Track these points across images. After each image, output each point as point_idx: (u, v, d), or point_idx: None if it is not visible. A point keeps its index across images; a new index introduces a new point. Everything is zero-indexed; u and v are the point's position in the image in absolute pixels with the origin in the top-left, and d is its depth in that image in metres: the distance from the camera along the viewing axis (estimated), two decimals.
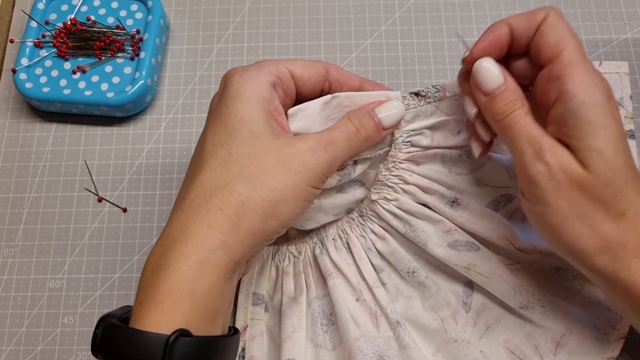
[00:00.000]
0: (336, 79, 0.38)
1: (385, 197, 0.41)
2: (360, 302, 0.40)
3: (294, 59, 0.38)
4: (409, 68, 0.53)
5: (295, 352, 0.39)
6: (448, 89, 0.40)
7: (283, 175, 0.33)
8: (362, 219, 0.41)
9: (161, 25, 0.52)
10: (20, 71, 0.51)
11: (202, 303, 0.31)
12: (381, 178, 0.41)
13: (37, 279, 0.48)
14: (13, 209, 0.50)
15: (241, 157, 0.33)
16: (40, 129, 0.52)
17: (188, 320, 0.30)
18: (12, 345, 0.46)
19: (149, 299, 0.30)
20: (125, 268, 0.48)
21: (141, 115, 0.53)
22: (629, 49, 0.53)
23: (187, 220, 0.32)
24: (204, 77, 0.54)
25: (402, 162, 0.40)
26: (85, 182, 0.51)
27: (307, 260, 0.42)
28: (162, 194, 0.50)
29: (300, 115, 0.37)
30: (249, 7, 0.56)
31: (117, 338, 0.30)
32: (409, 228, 0.40)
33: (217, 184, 0.32)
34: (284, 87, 0.37)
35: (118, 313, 0.32)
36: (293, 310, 0.40)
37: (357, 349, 0.38)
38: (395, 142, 0.40)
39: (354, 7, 0.55)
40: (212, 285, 0.31)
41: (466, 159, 0.41)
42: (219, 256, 0.31)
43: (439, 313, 0.41)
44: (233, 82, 0.35)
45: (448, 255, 0.40)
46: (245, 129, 0.33)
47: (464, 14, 0.55)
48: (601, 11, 0.54)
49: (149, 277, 0.31)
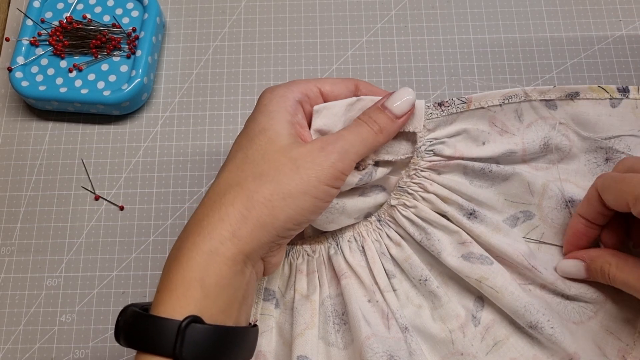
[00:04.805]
0: (365, 94, 0.40)
1: (404, 203, 0.41)
2: (372, 302, 0.40)
3: (324, 78, 0.41)
4: (405, 65, 0.53)
5: (307, 349, 0.39)
6: (474, 102, 0.40)
7: (292, 172, 0.34)
8: (380, 223, 0.42)
9: (157, 23, 0.52)
10: (16, 70, 0.51)
11: (212, 292, 0.32)
12: (402, 184, 0.41)
13: (34, 277, 0.48)
14: (10, 207, 0.50)
15: (255, 159, 0.35)
16: (37, 127, 0.52)
17: (200, 308, 0.31)
18: (9, 343, 0.46)
19: (164, 287, 0.32)
20: (122, 266, 0.48)
21: (138, 114, 0.53)
22: (624, 46, 0.53)
23: (202, 215, 0.34)
24: (200, 75, 0.54)
25: (423, 170, 0.41)
26: (82, 181, 0.51)
27: (321, 259, 0.42)
28: (159, 192, 0.50)
29: (325, 112, 0.38)
30: (245, 5, 0.56)
31: (136, 324, 0.31)
32: (424, 236, 0.40)
33: (231, 182, 0.34)
34: (312, 104, 0.39)
35: (141, 304, 0.33)
36: (306, 307, 0.40)
37: (368, 347, 0.38)
38: (417, 150, 0.40)
39: (349, 5, 0.55)
40: (222, 275, 0.32)
41: (488, 172, 0.41)
42: (227, 247, 0.32)
43: (447, 324, 0.41)
44: (263, 99, 0.38)
45: (461, 267, 0.40)
46: (263, 135, 0.36)
47: (459, 11, 0.55)
48: (596, 8, 0.54)
49: (167, 268, 0.33)
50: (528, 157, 0.42)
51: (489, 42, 0.54)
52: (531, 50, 0.53)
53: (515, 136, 0.41)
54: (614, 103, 0.41)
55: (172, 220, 0.49)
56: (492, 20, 0.54)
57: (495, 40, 0.54)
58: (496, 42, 0.54)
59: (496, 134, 0.41)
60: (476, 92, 0.51)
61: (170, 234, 0.49)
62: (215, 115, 0.52)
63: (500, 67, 0.53)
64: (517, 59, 0.53)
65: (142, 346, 0.31)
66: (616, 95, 0.41)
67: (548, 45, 0.53)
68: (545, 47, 0.53)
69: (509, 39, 0.54)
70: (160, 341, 0.30)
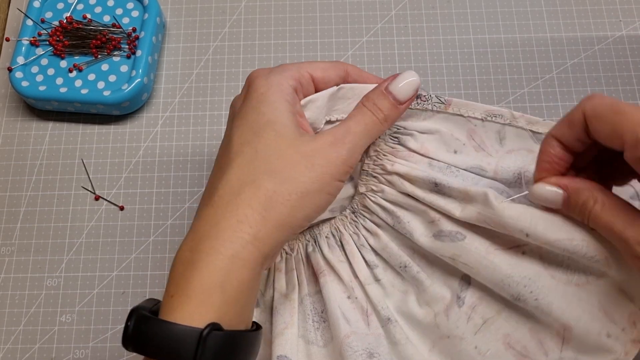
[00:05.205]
0: (354, 79, 0.39)
1: (372, 188, 0.40)
2: (351, 299, 0.40)
3: (315, 62, 0.39)
4: (405, 66, 0.53)
5: (287, 348, 0.39)
6: (453, 106, 0.40)
7: (307, 170, 0.34)
8: (355, 215, 0.42)
9: (157, 23, 0.52)
10: (17, 70, 0.51)
11: (232, 298, 0.31)
12: (365, 167, 0.40)
13: (34, 277, 0.48)
14: (10, 207, 0.50)
15: (267, 155, 0.34)
16: (37, 127, 0.52)
17: (219, 315, 0.30)
18: (9, 343, 0.46)
19: (181, 292, 0.31)
20: (122, 266, 0.48)
21: (138, 114, 0.53)
22: (624, 46, 0.53)
23: (217, 216, 0.32)
24: (200, 75, 0.54)
25: (385, 154, 0.40)
26: (82, 181, 0.51)
27: (299, 257, 0.42)
28: (159, 192, 0.50)
29: (310, 106, 0.38)
30: (245, 5, 0.56)
31: (149, 330, 0.30)
32: (395, 220, 0.40)
33: (244, 180, 0.33)
34: (305, 92, 0.38)
35: (147, 305, 0.32)
36: (285, 306, 0.40)
37: (347, 345, 0.38)
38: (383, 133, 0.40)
39: (350, 5, 0.55)
40: (243, 280, 0.31)
41: (455, 171, 0.40)
42: (249, 251, 0.32)
43: (433, 308, 0.40)
44: (258, 86, 0.36)
45: (434, 246, 0.39)
46: (270, 129, 0.34)
47: (459, 11, 0.55)
48: (596, 8, 0.54)
49: (180, 271, 0.32)
50: (498, 180, 0.40)
51: (489, 42, 0.54)
52: (531, 50, 0.53)
53: (491, 157, 0.40)
54: None
55: (172, 221, 0.49)
56: (492, 20, 0.54)
57: (496, 41, 0.54)
58: (496, 43, 0.54)
59: (471, 148, 0.40)
60: (475, 91, 0.52)
61: (170, 234, 0.49)
62: (215, 115, 0.52)
63: (501, 67, 0.53)
64: (517, 59, 0.53)
65: (158, 354, 0.29)
66: None
67: (548, 45, 0.53)
68: (546, 47, 0.53)
69: (509, 39, 0.54)
70: (178, 349, 0.29)
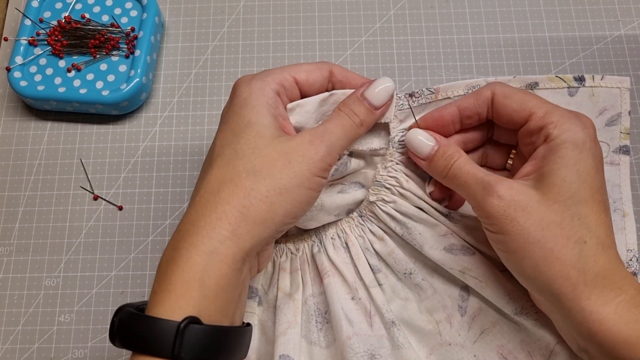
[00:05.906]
0: (339, 80, 0.40)
1: (383, 198, 0.41)
2: (355, 300, 0.41)
3: (298, 65, 0.39)
4: (404, 65, 0.53)
5: (290, 348, 0.39)
6: (441, 92, 0.41)
7: (284, 167, 0.34)
8: (362, 219, 0.42)
9: (156, 23, 0.52)
10: (15, 69, 0.51)
11: (212, 292, 0.32)
12: (379, 178, 0.41)
13: (33, 277, 0.48)
14: (8, 207, 0.50)
15: (246, 154, 0.35)
16: (35, 127, 0.52)
17: (199, 309, 0.31)
18: (8, 343, 0.46)
19: (162, 287, 0.32)
20: (121, 266, 0.48)
21: (136, 113, 0.53)
22: (622, 46, 0.53)
23: (197, 214, 0.33)
24: (199, 75, 0.54)
25: (398, 162, 0.41)
26: (81, 181, 0.51)
27: (304, 257, 0.42)
28: (158, 192, 0.50)
29: (298, 110, 0.38)
30: (243, 5, 0.56)
31: (132, 325, 0.31)
32: (405, 230, 0.41)
33: (223, 179, 0.34)
34: (288, 95, 0.39)
35: (136, 304, 0.33)
36: (288, 306, 0.40)
37: (349, 347, 0.38)
38: (392, 140, 0.41)
39: (348, 5, 0.55)
40: (222, 275, 0.32)
41: None
42: (227, 246, 0.32)
43: (434, 316, 0.41)
44: (241, 92, 0.37)
45: (444, 259, 0.40)
46: (250, 130, 0.35)
47: (458, 11, 0.55)
48: (594, 8, 0.54)
49: (163, 269, 0.33)
50: None
51: (487, 42, 0.54)
52: (530, 50, 0.53)
53: None
54: (571, 92, 0.42)
55: (170, 220, 0.49)
56: (490, 20, 0.54)
57: (494, 40, 0.54)
58: (495, 42, 0.54)
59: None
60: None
61: (169, 233, 0.49)
62: (214, 115, 0.52)
63: (499, 67, 0.53)
64: (516, 58, 0.53)
65: (140, 347, 0.30)
66: (573, 84, 0.42)
67: (547, 45, 0.53)
68: (544, 46, 0.53)
69: (507, 39, 0.54)
70: (158, 342, 0.30)
